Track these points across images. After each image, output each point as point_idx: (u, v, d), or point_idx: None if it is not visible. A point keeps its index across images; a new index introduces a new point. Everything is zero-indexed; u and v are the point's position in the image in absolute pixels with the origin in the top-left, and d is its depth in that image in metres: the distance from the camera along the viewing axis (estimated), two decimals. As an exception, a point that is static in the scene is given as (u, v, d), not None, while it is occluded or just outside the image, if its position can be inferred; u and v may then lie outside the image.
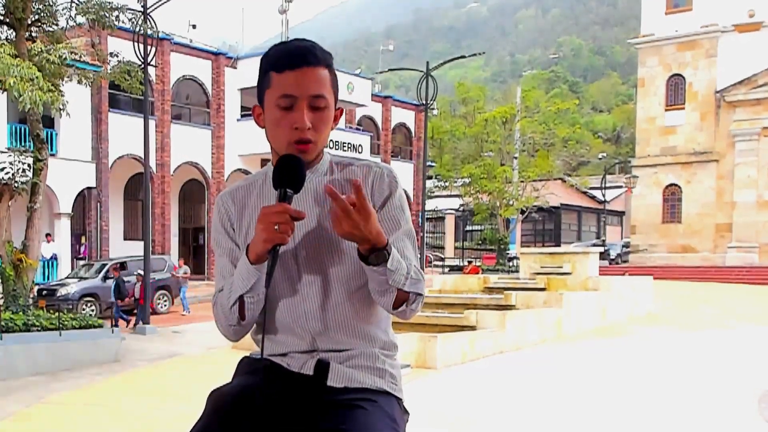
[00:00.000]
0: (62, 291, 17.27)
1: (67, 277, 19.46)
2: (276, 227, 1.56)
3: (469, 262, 34.01)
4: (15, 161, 11.44)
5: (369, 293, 1.76)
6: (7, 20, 11.56)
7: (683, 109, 37.14)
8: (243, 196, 1.82)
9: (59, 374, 9.50)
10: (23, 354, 9.49)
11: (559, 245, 40.75)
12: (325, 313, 1.74)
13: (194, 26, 31.82)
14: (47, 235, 21.03)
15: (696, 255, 36.23)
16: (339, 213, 1.54)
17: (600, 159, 60.20)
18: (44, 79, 10.37)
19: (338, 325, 1.75)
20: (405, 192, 1.87)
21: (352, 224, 1.54)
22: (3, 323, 9.39)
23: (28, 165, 11.51)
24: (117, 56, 13.73)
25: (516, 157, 34.02)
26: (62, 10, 12.15)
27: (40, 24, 12.10)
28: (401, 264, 1.64)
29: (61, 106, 10.69)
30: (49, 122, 18.96)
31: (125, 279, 16.92)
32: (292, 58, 1.68)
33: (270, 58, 1.72)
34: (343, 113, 1.84)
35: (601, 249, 28.73)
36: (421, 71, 25.74)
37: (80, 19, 12.54)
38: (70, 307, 14.87)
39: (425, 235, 27.99)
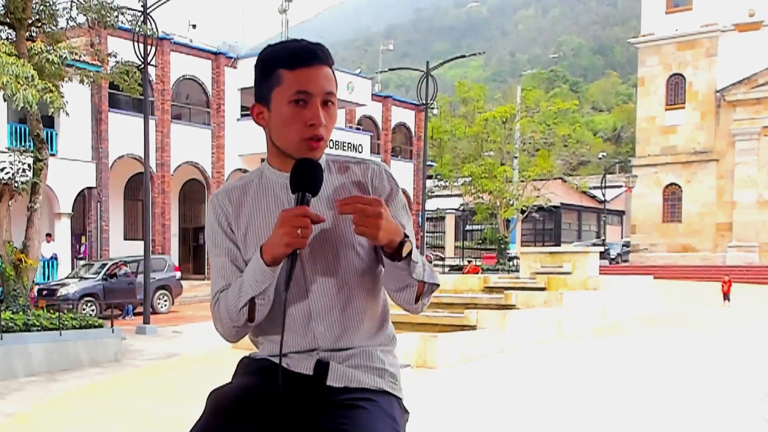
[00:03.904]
0: (62, 291, 17.26)
1: (67, 277, 19.45)
2: (298, 231, 1.56)
3: (469, 262, 34.06)
4: (15, 161, 11.41)
5: (372, 291, 1.78)
6: (7, 20, 11.55)
7: (683, 108, 37.17)
8: (239, 195, 1.81)
9: (59, 374, 9.49)
10: (23, 354, 9.49)
11: (559, 245, 40.77)
12: (328, 310, 1.75)
13: (194, 26, 31.86)
14: (47, 235, 21.02)
15: (696, 254, 36.25)
16: (359, 213, 1.56)
17: (600, 158, 60.25)
18: (43, 79, 10.35)
19: (340, 323, 1.75)
20: (404, 192, 1.88)
21: (373, 222, 1.55)
22: (3, 323, 9.38)
23: (28, 165, 11.49)
24: (115, 56, 13.72)
25: (516, 157, 34.01)
26: (62, 10, 12.13)
27: (40, 24, 12.08)
28: (419, 256, 1.67)
29: (60, 106, 10.67)
30: (49, 122, 18.94)
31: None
32: (305, 55, 1.69)
33: (277, 55, 1.72)
34: (340, 113, 1.86)
35: (601, 248, 28.77)
36: (421, 71, 25.73)
37: (81, 18, 12.53)
38: (70, 307, 14.88)
39: (425, 234, 27.98)
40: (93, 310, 17.12)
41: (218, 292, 1.77)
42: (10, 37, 11.66)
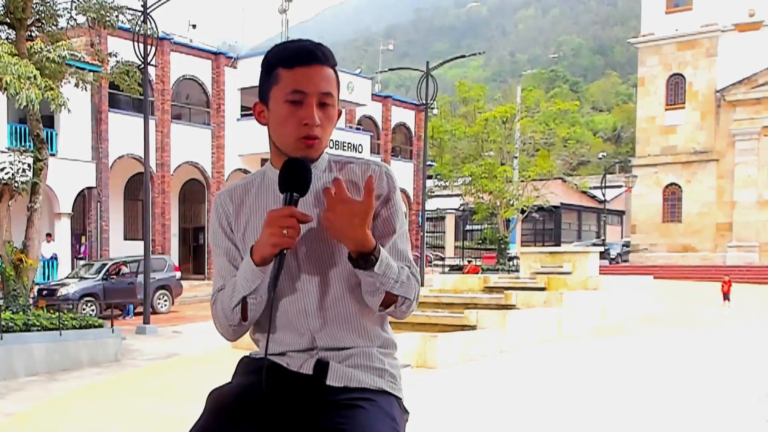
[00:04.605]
0: (62, 291, 17.26)
1: (67, 277, 19.45)
2: (284, 231, 1.57)
3: (469, 262, 34.06)
4: (15, 161, 11.41)
5: None
6: (7, 20, 11.54)
7: (683, 108, 37.17)
8: (241, 195, 1.82)
9: (59, 374, 9.49)
10: (23, 354, 9.49)
11: (559, 245, 40.78)
12: (324, 308, 1.74)
13: (194, 26, 31.87)
14: (47, 235, 21.02)
15: (696, 254, 36.25)
16: (332, 207, 1.58)
17: (600, 158, 60.28)
18: (43, 78, 10.36)
19: (337, 321, 1.75)
20: (404, 192, 1.88)
21: (343, 220, 1.57)
22: (3, 323, 9.38)
23: (28, 165, 11.48)
24: (116, 56, 13.72)
25: (516, 157, 34.02)
26: (62, 10, 12.13)
27: (40, 24, 12.08)
28: (391, 268, 1.65)
29: (62, 102, 10.67)
30: (49, 122, 18.95)
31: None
32: (304, 55, 1.70)
33: (277, 54, 1.73)
34: (342, 114, 1.85)
35: (601, 248, 28.77)
36: (421, 71, 25.71)
37: (81, 18, 12.53)
38: (70, 307, 14.88)
39: (425, 234, 27.97)
40: (93, 310, 17.11)
41: (216, 291, 1.79)
42: (10, 37, 11.66)
